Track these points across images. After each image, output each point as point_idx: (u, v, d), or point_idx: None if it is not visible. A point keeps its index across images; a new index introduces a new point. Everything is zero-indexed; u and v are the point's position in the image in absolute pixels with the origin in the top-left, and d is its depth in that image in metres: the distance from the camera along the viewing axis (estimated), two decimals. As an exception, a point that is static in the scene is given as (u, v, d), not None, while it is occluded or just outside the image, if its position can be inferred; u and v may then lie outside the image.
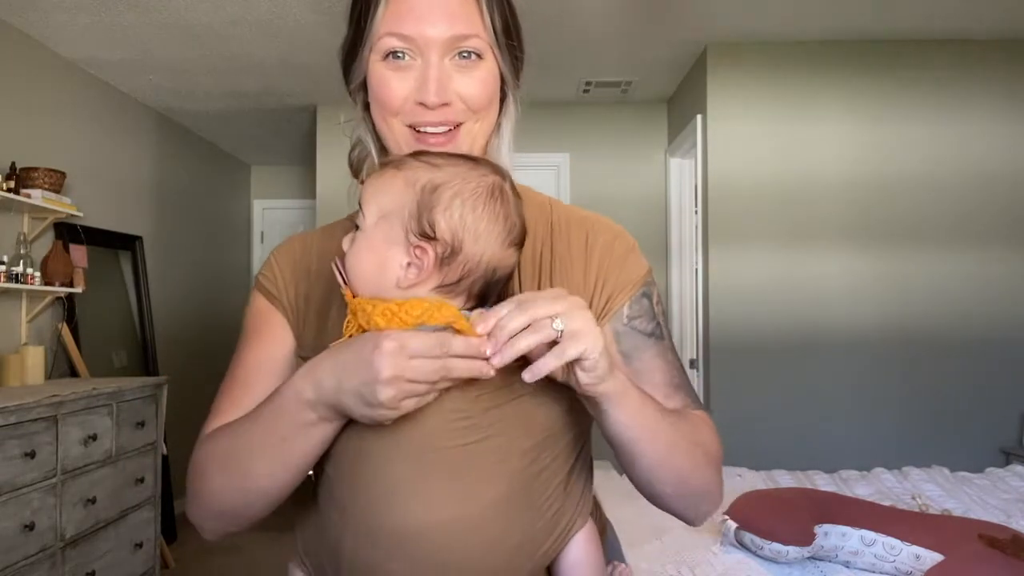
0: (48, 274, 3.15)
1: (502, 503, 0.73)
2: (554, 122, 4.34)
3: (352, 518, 0.73)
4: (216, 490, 0.77)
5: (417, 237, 0.72)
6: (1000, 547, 1.62)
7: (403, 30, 0.77)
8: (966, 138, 3.43)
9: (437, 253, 0.72)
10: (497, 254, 0.74)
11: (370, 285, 0.74)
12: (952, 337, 3.38)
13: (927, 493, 2.39)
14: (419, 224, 0.72)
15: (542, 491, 0.76)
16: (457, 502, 0.72)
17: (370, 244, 0.74)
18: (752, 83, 3.49)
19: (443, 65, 0.78)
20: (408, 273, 0.72)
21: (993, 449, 3.35)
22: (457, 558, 0.72)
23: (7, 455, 2.32)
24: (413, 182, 0.73)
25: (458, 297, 0.74)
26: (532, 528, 0.75)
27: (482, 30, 0.78)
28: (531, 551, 0.76)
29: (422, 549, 0.71)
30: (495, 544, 0.73)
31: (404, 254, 0.73)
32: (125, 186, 4.16)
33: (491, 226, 0.73)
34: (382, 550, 0.72)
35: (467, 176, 0.74)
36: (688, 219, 4.13)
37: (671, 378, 0.86)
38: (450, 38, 0.77)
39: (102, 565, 2.83)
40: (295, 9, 3.06)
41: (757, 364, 3.41)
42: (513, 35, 0.83)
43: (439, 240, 0.72)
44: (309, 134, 4.92)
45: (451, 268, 0.72)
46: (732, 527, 1.86)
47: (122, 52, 3.51)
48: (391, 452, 0.72)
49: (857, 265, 3.41)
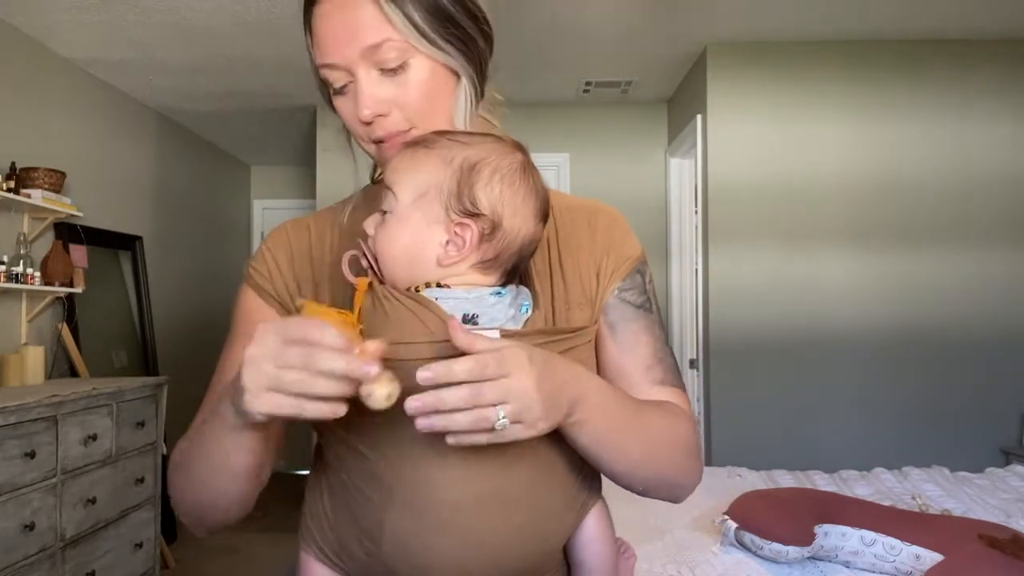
0: (48, 274, 3.15)
1: (536, 477, 0.75)
2: (554, 122, 4.34)
3: (398, 495, 0.72)
4: (178, 491, 0.79)
5: (459, 214, 0.73)
6: (1000, 547, 1.62)
7: (327, 59, 0.79)
8: (966, 138, 3.43)
9: (479, 230, 0.73)
10: (531, 228, 0.76)
11: (407, 266, 0.74)
12: (952, 337, 3.38)
13: (927, 493, 2.39)
14: (460, 201, 0.73)
15: (565, 466, 0.78)
16: (499, 476, 0.73)
17: (407, 223, 0.74)
18: (752, 83, 3.49)
19: (370, 78, 0.78)
20: (449, 251, 0.73)
21: (993, 449, 3.35)
22: (497, 530, 0.73)
23: (7, 455, 2.32)
24: (449, 160, 0.74)
25: (494, 273, 0.75)
26: (559, 501, 0.78)
27: (393, 32, 0.76)
28: (557, 525, 0.78)
29: (466, 522, 0.72)
30: (529, 516, 0.75)
31: (443, 232, 0.73)
32: (125, 186, 4.16)
33: (526, 200, 0.75)
34: (429, 525, 0.72)
35: (501, 152, 0.75)
36: (688, 219, 4.13)
37: (654, 351, 0.86)
38: (364, 50, 0.76)
39: (102, 565, 2.83)
40: (295, 9, 3.04)
41: (757, 364, 3.41)
42: (453, 17, 0.78)
43: (482, 216, 0.73)
44: (309, 134, 4.92)
45: (491, 244, 0.74)
46: (732, 527, 1.86)
47: (122, 52, 3.51)
48: None
49: (857, 265, 3.41)
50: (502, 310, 0.74)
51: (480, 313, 0.72)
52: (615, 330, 0.85)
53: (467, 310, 0.72)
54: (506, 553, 0.74)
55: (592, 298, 0.84)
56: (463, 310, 0.72)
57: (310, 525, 0.82)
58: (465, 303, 0.72)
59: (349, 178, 0.94)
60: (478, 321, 0.72)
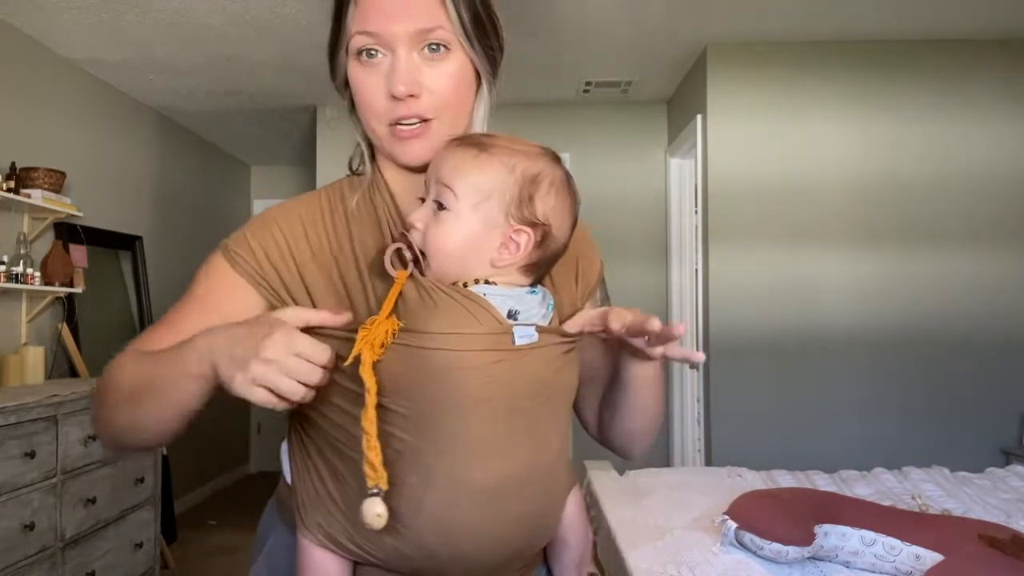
0: (48, 274, 3.15)
1: (560, 454, 0.83)
2: (554, 122, 4.34)
3: (439, 478, 0.75)
4: (109, 411, 0.80)
5: (518, 222, 0.78)
6: (1000, 547, 1.62)
7: (370, 27, 0.80)
8: (966, 138, 3.43)
9: (535, 237, 0.78)
10: (567, 236, 0.83)
11: (459, 262, 0.78)
12: (952, 337, 3.38)
13: (927, 493, 2.39)
14: (520, 210, 0.78)
15: (564, 449, 0.85)
16: (533, 455, 0.79)
17: (467, 223, 0.77)
18: (752, 83, 3.49)
19: (411, 58, 0.80)
20: (503, 253, 0.78)
21: (993, 449, 3.35)
22: (530, 507, 0.79)
23: (7, 455, 2.32)
24: (512, 167, 0.78)
25: (532, 274, 0.82)
26: (569, 476, 0.87)
27: (447, 22, 0.80)
28: (565, 499, 0.87)
29: (504, 501, 0.77)
30: (555, 491, 0.84)
31: (500, 236, 0.78)
32: (125, 186, 4.16)
33: (569, 212, 0.82)
34: (470, 506, 0.75)
35: (552, 163, 0.80)
36: (688, 219, 4.13)
37: None
38: (415, 32, 0.79)
39: (102, 565, 2.83)
40: (295, 9, 3.06)
41: (757, 364, 3.41)
42: (487, 28, 0.85)
43: (539, 225, 0.78)
44: (309, 134, 4.91)
45: (539, 251, 0.80)
46: (732, 527, 1.85)
47: (122, 52, 3.51)
48: (483, 414, 0.75)
49: (857, 265, 3.41)
50: (536, 307, 0.80)
51: (521, 310, 0.78)
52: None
53: (511, 307, 0.77)
54: (534, 523, 0.81)
55: (575, 306, 0.91)
56: (508, 306, 0.77)
57: (309, 510, 0.81)
58: (509, 300, 0.78)
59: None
60: (518, 317, 0.78)
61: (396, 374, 0.74)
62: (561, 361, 0.81)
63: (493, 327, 0.75)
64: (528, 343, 0.76)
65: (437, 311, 0.75)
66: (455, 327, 0.74)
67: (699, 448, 3.84)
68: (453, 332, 0.74)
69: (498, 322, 0.76)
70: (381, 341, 0.73)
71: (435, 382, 0.74)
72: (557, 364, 0.80)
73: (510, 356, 0.75)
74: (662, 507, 2.21)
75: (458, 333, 0.74)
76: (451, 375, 0.73)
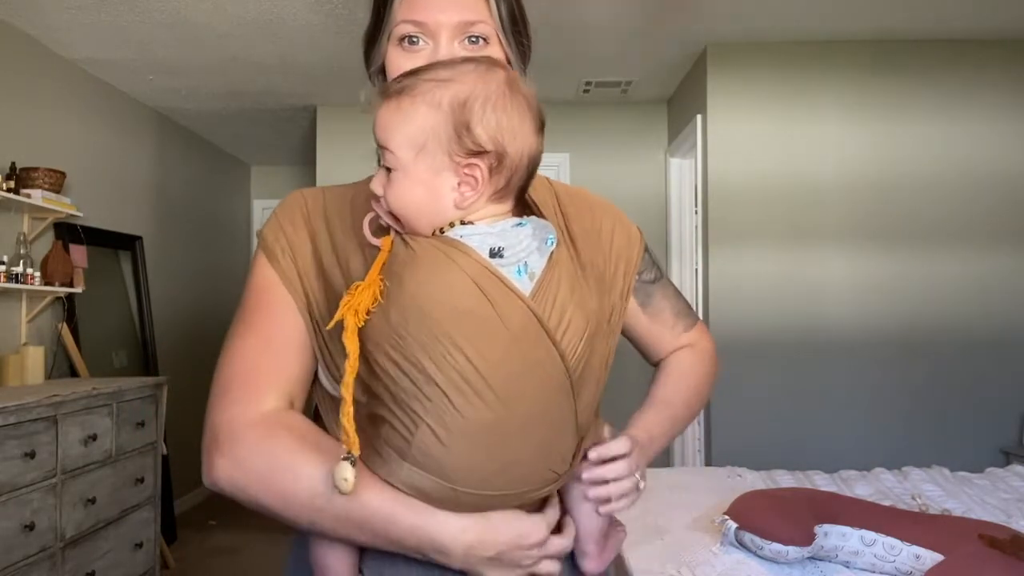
0: (48, 274, 3.15)
1: (595, 405, 0.87)
2: (554, 122, 4.26)
3: (448, 414, 0.74)
4: (253, 488, 0.77)
5: (464, 156, 0.74)
6: (1000, 547, 1.62)
7: (416, 16, 0.83)
8: (966, 138, 3.43)
9: (488, 165, 0.75)
10: (532, 144, 0.77)
11: (426, 216, 0.76)
12: (952, 337, 3.38)
13: (927, 493, 2.39)
14: (461, 144, 0.74)
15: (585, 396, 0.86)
16: (543, 400, 0.79)
17: (414, 177, 0.75)
18: (752, 83, 3.49)
19: (453, 48, 0.83)
20: (463, 191, 0.75)
21: (993, 449, 3.35)
22: (523, 447, 0.76)
23: (7, 455, 2.32)
24: (437, 103, 0.74)
25: (508, 197, 0.78)
26: (570, 425, 0.83)
27: (489, 17, 0.84)
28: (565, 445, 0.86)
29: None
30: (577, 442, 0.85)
31: (453, 176, 0.75)
32: (125, 186, 4.16)
33: (523, 119, 0.76)
34: (460, 442, 0.72)
35: (483, 77, 0.76)
36: (688, 219, 4.13)
37: (676, 308, 1.04)
38: (459, 23, 0.83)
39: (102, 565, 2.83)
40: (295, 9, 3.06)
41: (757, 364, 3.41)
42: (520, 26, 0.88)
43: (487, 152, 0.74)
44: (309, 134, 4.92)
45: (500, 174, 0.76)
46: (732, 527, 1.85)
47: (122, 52, 3.51)
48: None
49: (857, 265, 3.41)
50: (526, 241, 0.76)
51: (506, 246, 0.74)
52: (644, 305, 1.00)
53: (493, 244, 0.74)
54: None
55: (610, 287, 0.93)
56: (489, 244, 0.74)
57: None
58: (490, 237, 0.74)
59: (349, 178, 0.95)
60: (504, 254, 0.74)
61: (383, 330, 0.73)
62: (603, 327, 0.85)
63: (474, 270, 0.72)
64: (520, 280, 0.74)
65: (417, 262, 0.73)
66: (434, 274, 0.72)
67: (699, 448, 3.84)
68: (434, 279, 0.72)
69: (477, 262, 0.72)
70: (367, 307, 0.72)
71: (420, 328, 0.71)
72: (598, 328, 0.84)
73: (499, 296, 0.72)
74: (662, 507, 2.21)
75: (440, 279, 0.72)
76: (433, 320, 0.71)
